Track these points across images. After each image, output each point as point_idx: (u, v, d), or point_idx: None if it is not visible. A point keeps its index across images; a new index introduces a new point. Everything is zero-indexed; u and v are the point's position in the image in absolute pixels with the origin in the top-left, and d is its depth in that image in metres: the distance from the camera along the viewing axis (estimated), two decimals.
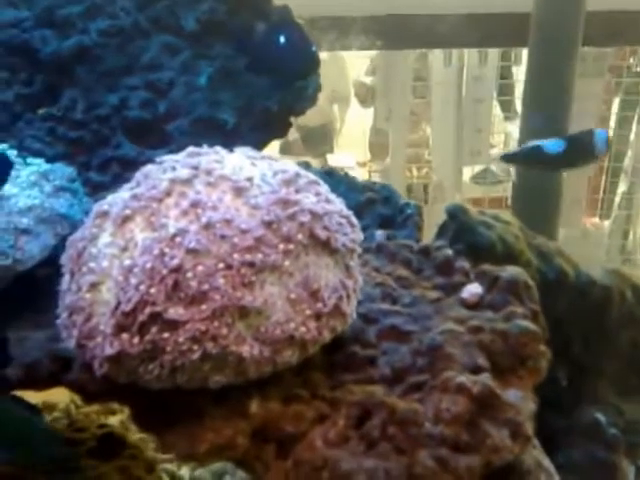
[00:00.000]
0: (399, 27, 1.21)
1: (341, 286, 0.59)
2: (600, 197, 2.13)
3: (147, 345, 0.54)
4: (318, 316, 0.57)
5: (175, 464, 1.04)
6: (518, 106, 2.12)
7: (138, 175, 0.61)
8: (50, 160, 0.85)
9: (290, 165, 0.61)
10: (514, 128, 2.25)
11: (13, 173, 0.77)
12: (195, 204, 0.56)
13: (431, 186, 2.22)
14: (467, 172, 2.23)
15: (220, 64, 0.94)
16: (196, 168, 0.59)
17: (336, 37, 1.14)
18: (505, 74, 2.15)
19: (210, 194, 0.57)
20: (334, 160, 2.42)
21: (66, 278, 0.60)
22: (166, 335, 0.54)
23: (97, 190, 0.89)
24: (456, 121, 1.98)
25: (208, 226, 0.55)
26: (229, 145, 0.95)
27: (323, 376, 0.62)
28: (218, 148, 0.64)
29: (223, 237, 0.55)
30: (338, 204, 0.61)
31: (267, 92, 0.95)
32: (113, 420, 1.01)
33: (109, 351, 0.55)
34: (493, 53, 1.93)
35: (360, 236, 0.62)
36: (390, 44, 1.28)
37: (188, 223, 0.56)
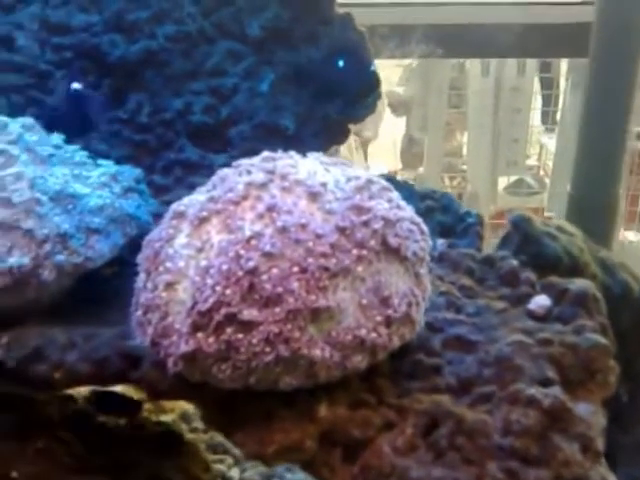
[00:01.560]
0: (460, 36, 1.22)
1: (411, 294, 0.59)
2: (639, 210, 2.09)
3: (222, 345, 0.55)
4: (388, 323, 0.57)
5: (225, 464, 1.05)
6: (558, 117, 2.10)
7: (214, 178, 0.62)
8: (116, 162, 0.87)
9: (363, 172, 0.62)
10: (548, 139, 2.23)
11: (84, 173, 0.79)
12: (271, 208, 0.57)
13: (465, 196, 2.20)
14: (502, 182, 2.21)
15: (282, 70, 0.95)
16: (272, 172, 0.59)
17: (396, 45, 1.14)
18: (545, 85, 2.13)
19: (285, 198, 0.58)
20: (364, 168, 2.42)
21: (141, 277, 0.62)
22: (240, 336, 0.55)
23: (160, 192, 0.91)
24: (492, 131, 1.97)
25: (283, 230, 0.56)
26: (288, 150, 0.97)
27: (389, 383, 0.62)
28: (292, 153, 0.65)
29: (298, 241, 0.55)
30: (409, 211, 0.61)
31: (328, 99, 0.96)
32: (166, 418, 1.03)
33: (184, 349, 0.56)
34: (531, 63, 1.91)
35: (430, 244, 0.62)
36: (450, 52, 1.28)
37: (264, 226, 0.56)
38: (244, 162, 0.63)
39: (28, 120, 0.79)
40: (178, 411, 1.08)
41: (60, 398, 0.85)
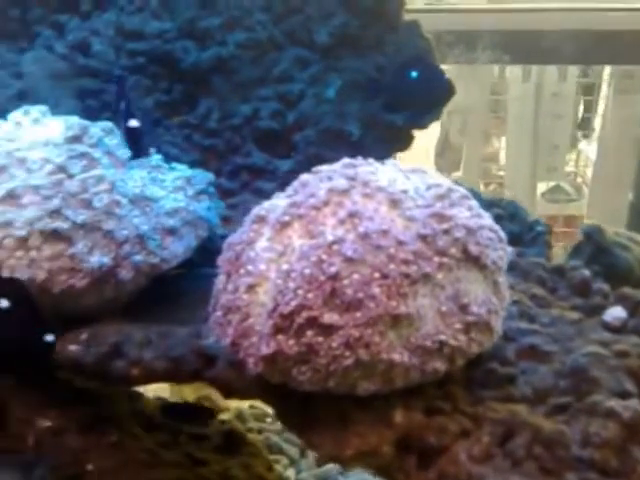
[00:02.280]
0: (527, 42, 1.21)
1: (489, 302, 0.59)
2: None
3: (302, 348, 0.56)
4: (467, 330, 0.58)
5: (280, 465, 1.06)
6: (596, 124, 2.06)
7: (295, 183, 0.64)
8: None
9: (443, 179, 0.62)
10: (586, 146, 2.19)
11: (160, 176, 0.81)
12: (352, 214, 0.58)
13: None
14: (539, 189, 2.18)
15: (348, 77, 0.96)
16: (353, 179, 0.60)
17: (462, 51, 1.14)
18: (585, 90, 2.10)
19: (366, 205, 0.59)
20: None
21: (221, 278, 0.63)
22: (321, 339, 0.56)
23: (226, 196, 0.93)
24: (532, 136, 1.95)
25: (365, 236, 0.57)
26: (352, 156, 0.98)
27: (463, 391, 0.62)
28: (371, 160, 0.66)
29: (379, 247, 0.56)
30: (488, 219, 0.61)
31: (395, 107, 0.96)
32: (224, 416, 1.05)
33: (265, 351, 0.57)
34: (573, 69, 1.89)
35: (508, 252, 0.62)
36: (517, 59, 1.27)
37: (345, 232, 0.57)
38: (324, 168, 0.64)
39: (107, 124, 0.82)
40: (234, 410, 1.10)
41: (130, 395, 0.87)
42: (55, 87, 0.95)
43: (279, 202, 0.63)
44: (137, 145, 0.74)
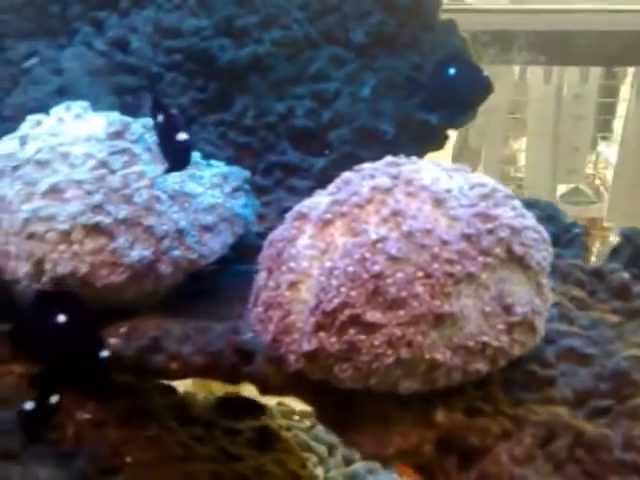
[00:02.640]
0: (563, 43, 1.19)
1: (533, 303, 0.59)
2: None
3: (344, 345, 0.56)
4: (510, 330, 0.57)
5: (310, 462, 1.06)
6: (616, 126, 2.04)
7: (338, 181, 0.64)
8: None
9: (486, 179, 0.62)
10: (605, 148, 2.17)
11: (198, 173, 0.82)
12: (396, 212, 0.58)
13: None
14: (560, 190, 2.16)
15: (384, 76, 0.96)
16: (396, 177, 0.60)
17: (498, 52, 1.14)
18: (605, 92, 2.07)
19: (410, 203, 0.59)
20: None
21: (262, 275, 0.64)
22: (363, 337, 0.56)
23: (261, 193, 0.93)
24: (553, 138, 1.94)
25: (409, 234, 0.57)
26: (386, 155, 0.98)
27: (503, 392, 0.62)
28: (414, 158, 0.66)
29: (423, 246, 0.56)
30: (531, 219, 0.61)
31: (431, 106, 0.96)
32: None
33: (307, 347, 0.57)
34: (595, 71, 1.87)
35: (551, 253, 0.62)
36: (553, 60, 1.26)
37: (388, 230, 0.57)
38: (367, 166, 0.64)
39: (148, 120, 0.82)
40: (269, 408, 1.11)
41: (166, 388, 0.88)
42: (93, 83, 0.96)
43: (321, 199, 0.63)
44: (183, 160, 0.73)
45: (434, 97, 0.90)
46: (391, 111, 0.96)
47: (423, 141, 0.97)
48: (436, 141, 0.98)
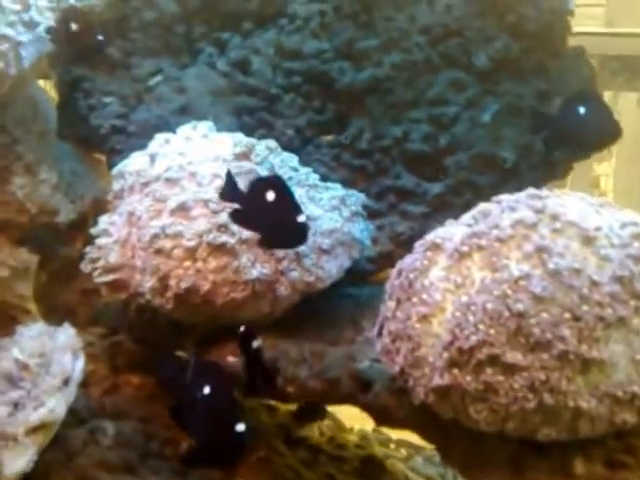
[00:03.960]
0: None
1: None
2: None
3: (480, 385, 0.54)
4: None
5: None
6: None
7: (474, 212, 0.62)
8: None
9: (636, 216, 0.58)
10: None
11: (317, 195, 0.82)
12: (540, 249, 0.55)
13: None
14: None
15: (506, 101, 0.93)
16: (540, 212, 0.58)
17: (627, 79, 1.08)
18: None
19: (556, 240, 0.56)
20: None
21: (390, 305, 0.62)
22: (501, 378, 0.53)
23: (373, 217, 0.92)
24: None
25: (555, 273, 0.54)
26: (505, 183, 0.95)
27: None
28: (557, 191, 0.63)
29: (571, 286, 0.53)
30: None
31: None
32: (348, 437, 1.04)
33: (439, 383, 0.55)
34: None
35: None
36: None
37: (532, 267, 0.55)
38: (506, 198, 0.62)
39: (271, 142, 0.83)
40: (358, 432, 1.09)
41: (268, 407, 0.88)
42: (214, 103, 0.98)
43: (455, 230, 0.61)
44: (301, 240, 0.70)
45: (562, 134, 0.86)
46: (512, 138, 0.93)
47: (544, 171, 0.93)
48: (558, 172, 0.94)
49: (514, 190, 0.67)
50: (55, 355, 0.64)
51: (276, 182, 0.69)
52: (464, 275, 0.57)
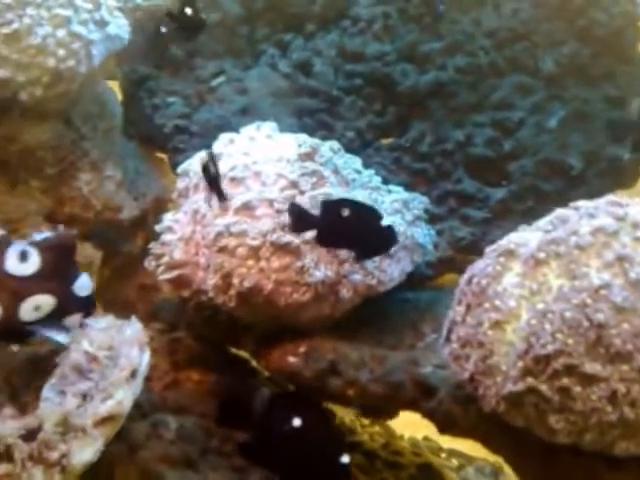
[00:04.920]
0: None
1: None
2: None
3: (556, 395, 0.52)
4: None
5: None
6: None
7: (552, 218, 0.60)
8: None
9: None
10: None
11: (379, 198, 0.81)
12: (622, 257, 0.53)
13: None
14: None
15: (574, 107, 0.91)
16: (622, 219, 0.56)
17: None
18: None
19: (637, 249, 0.54)
20: None
21: (459, 310, 0.61)
22: (579, 389, 0.52)
23: (433, 221, 0.90)
24: None
25: (636, 283, 0.52)
26: (571, 190, 0.93)
27: None
28: (638, 199, 0.61)
29: None
30: None
31: (620, 139, 0.90)
32: (399, 443, 1.03)
33: (512, 391, 0.54)
34: None
35: None
36: None
37: (613, 276, 0.53)
38: (584, 204, 0.60)
39: (335, 144, 0.83)
40: (408, 440, 1.08)
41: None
42: (275, 104, 0.99)
43: (530, 236, 0.60)
44: (391, 244, 0.70)
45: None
46: (579, 144, 0.91)
47: (613, 178, 0.91)
48: (627, 178, 0.91)
49: (580, 197, 0.66)
50: (123, 348, 0.65)
51: (343, 199, 0.70)
52: (540, 282, 0.56)
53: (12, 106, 0.81)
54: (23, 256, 0.68)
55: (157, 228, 0.83)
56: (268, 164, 0.79)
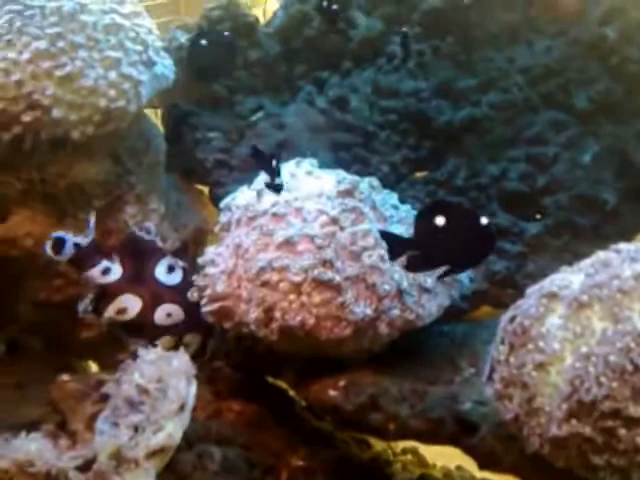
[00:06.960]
0: None
1: None
2: None
3: (600, 438, 0.53)
4: None
5: None
6: None
7: (594, 261, 0.61)
8: None
9: None
10: None
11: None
12: None
13: None
14: None
15: (607, 143, 0.93)
16: None
17: None
18: None
19: None
20: None
21: (502, 349, 0.62)
22: (623, 432, 0.53)
23: None
24: None
25: None
26: (605, 225, 0.94)
27: None
28: None
29: None
30: None
31: None
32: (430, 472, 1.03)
33: (556, 433, 0.55)
34: None
35: None
36: None
37: None
38: (625, 247, 0.61)
39: (373, 180, 0.85)
40: (440, 469, 1.08)
41: (359, 441, 0.89)
42: (312, 139, 1.02)
43: (572, 278, 0.61)
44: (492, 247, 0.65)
45: None
46: (613, 180, 0.92)
47: None
48: None
49: (614, 232, 0.67)
50: (171, 380, 0.67)
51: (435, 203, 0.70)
52: (584, 325, 0.57)
53: (64, 144, 0.84)
54: (170, 269, 0.85)
55: (200, 261, 0.85)
56: (309, 200, 0.81)
